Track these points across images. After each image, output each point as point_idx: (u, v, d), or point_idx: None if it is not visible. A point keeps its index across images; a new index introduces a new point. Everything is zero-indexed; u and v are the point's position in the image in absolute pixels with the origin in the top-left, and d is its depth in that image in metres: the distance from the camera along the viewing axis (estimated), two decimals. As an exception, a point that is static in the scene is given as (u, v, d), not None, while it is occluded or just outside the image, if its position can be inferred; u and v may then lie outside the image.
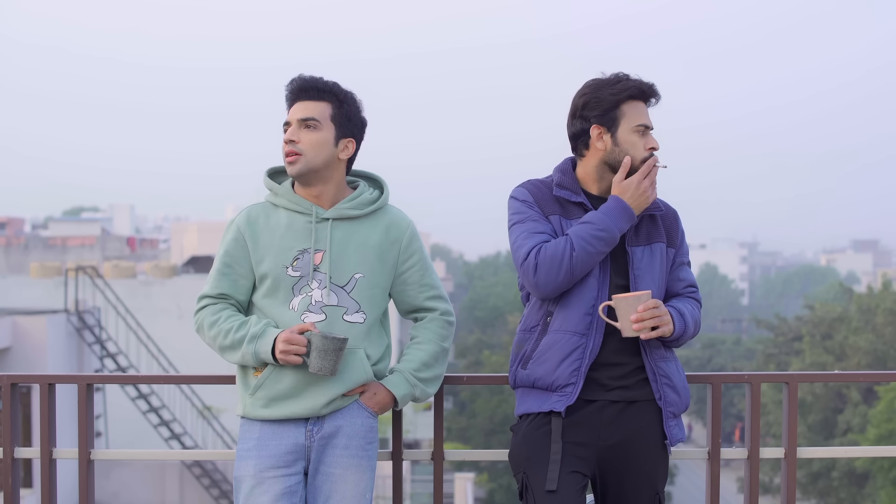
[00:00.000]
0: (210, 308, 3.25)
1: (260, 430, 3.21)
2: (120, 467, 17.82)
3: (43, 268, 24.89)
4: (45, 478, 3.76)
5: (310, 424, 3.21)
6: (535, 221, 3.20)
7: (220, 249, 3.30)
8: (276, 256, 3.21)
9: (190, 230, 41.83)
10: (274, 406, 3.19)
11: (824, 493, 29.19)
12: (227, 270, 3.25)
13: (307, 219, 3.24)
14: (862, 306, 32.70)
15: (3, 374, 3.76)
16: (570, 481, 3.12)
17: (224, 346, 3.20)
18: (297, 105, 3.23)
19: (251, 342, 3.14)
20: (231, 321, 3.20)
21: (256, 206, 3.31)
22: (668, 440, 3.22)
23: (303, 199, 3.25)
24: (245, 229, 3.25)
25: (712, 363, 49.76)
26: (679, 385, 3.25)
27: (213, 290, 3.25)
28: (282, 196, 3.27)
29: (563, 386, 3.15)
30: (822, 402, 30.30)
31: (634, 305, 3.09)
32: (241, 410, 3.27)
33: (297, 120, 3.22)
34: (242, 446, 3.24)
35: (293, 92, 3.25)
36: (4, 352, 16.08)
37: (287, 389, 3.18)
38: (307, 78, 3.25)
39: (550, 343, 3.18)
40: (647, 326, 3.10)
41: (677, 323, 3.18)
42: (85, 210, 75.48)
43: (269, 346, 3.12)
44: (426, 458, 3.80)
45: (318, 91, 3.24)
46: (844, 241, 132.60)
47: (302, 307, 3.20)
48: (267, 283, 3.22)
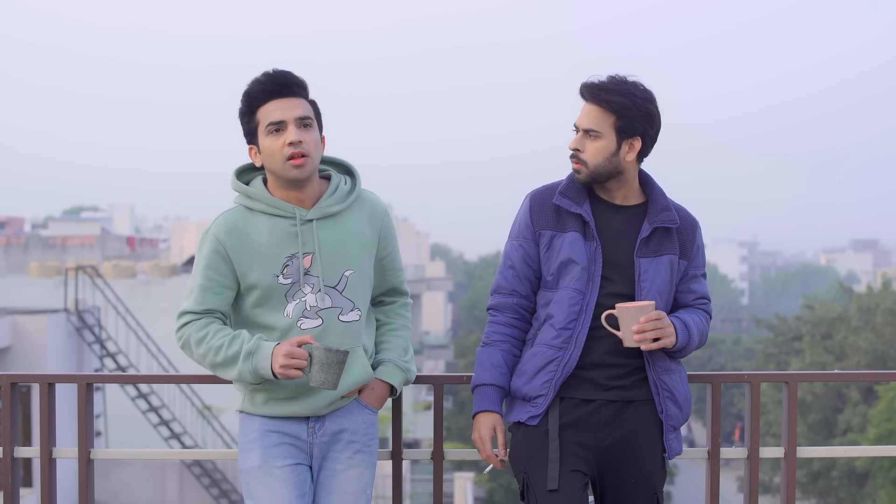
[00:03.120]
0: (195, 324, 3.10)
1: (261, 423, 3.18)
2: (120, 467, 17.81)
3: (43, 267, 24.87)
4: (44, 477, 3.75)
5: (311, 422, 3.19)
6: (514, 250, 3.28)
7: (198, 263, 3.12)
8: (263, 266, 3.09)
9: (190, 230, 41.87)
10: (272, 404, 3.17)
11: (824, 492, 29.20)
12: (210, 285, 3.10)
13: (290, 222, 3.10)
14: (862, 306, 32.72)
15: (3, 374, 3.75)
16: (571, 480, 3.12)
17: (216, 364, 3.09)
18: (283, 102, 3.03)
19: (247, 359, 3.03)
20: (220, 337, 3.07)
21: (231, 214, 3.13)
22: (667, 454, 3.25)
23: (283, 203, 3.10)
24: (225, 240, 3.09)
25: (712, 363, 49.78)
26: (681, 398, 3.25)
27: (197, 307, 3.10)
28: (258, 200, 3.11)
29: (534, 397, 3.19)
30: (822, 401, 30.30)
31: (637, 316, 3.08)
32: (241, 405, 3.23)
33: (295, 118, 3.04)
34: (244, 439, 3.20)
35: (274, 88, 3.04)
36: (4, 351, 16.08)
37: (287, 393, 3.16)
38: (286, 73, 3.07)
39: (530, 356, 3.23)
40: (648, 338, 3.09)
41: (680, 335, 3.18)
42: (85, 209, 75.45)
43: (268, 362, 3.02)
44: (426, 457, 3.79)
45: (299, 87, 3.08)
46: (844, 241, 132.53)
47: (297, 313, 3.12)
48: (256, 293, 3.11)
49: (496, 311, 3.32)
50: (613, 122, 3.14)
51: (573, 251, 3.19)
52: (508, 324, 3.29)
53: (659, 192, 3.28)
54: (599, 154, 3.16)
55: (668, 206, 3.25)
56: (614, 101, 3.12)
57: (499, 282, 3.31)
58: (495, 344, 3.28)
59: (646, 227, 3.21)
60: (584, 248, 3.19)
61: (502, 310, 3.30)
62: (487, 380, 3.24)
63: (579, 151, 3.19)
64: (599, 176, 3.18)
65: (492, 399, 3.23)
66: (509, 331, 3.29)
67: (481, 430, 3.21)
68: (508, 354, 3.27)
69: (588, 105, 3.17)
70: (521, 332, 3.30)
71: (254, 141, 3.11)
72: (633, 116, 3.13)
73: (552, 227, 3.23)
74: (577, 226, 3.21)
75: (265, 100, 3.06)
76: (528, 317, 3.30)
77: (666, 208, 3.24)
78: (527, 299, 3.29)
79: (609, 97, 3.12)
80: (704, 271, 3.38)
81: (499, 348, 3.27)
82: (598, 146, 3.16)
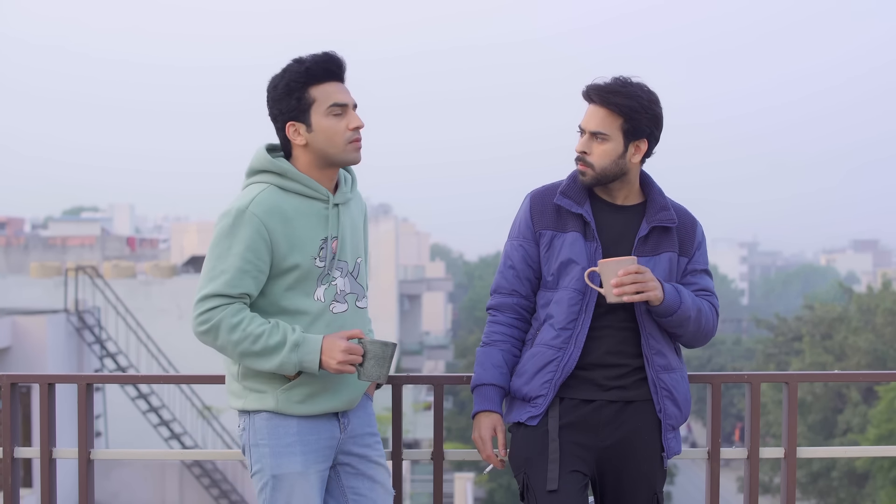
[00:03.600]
0: (228, 308, 2.97)
1: (298, 424, 3.08)
2: (120, 467, 17.81)
3: (43, 268, 24.86)
4: (44, 478, 3.75)
5: (341, 417, 3.18)
6: (514, 249, 3.28)
7: (233, 244, 2.98)
8: (303, 248, 3.03)
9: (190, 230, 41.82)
10: (310, 402, 3.09)
11: (824, 493, 29.20)
12: (248, 268, 2.97)
13: (323, 205, 3.08)
14: (862, 306, 32.74)
15: (3, 374, 3.75)
16: (571, 481, 3.12)
17: (251, 352, 2.97)
18: (341, 86, 3.05)
19: (294, 350, 2.96)
20: (258, 325, 2.97)
21: (268, 194, 3.02)
22: (665, 453, 3.24)
23: (318, 185, 3.07)
24: (267, 222, 2.98)
25: (712, 363, 49.83)
26: (681, 398, 3.24)
27: (231, 290, 2.96)
28: (294, 180, 3.05)
29: (534, 398, 3.19)
30: (822, 402, 30.30)
31: (616, 270, 3.08)
32: (271, 404, 3.08)
33: (354, 104, 3.06)
34: (279, 441, 3.07)
35: (337, 70, 3.05)
36: (4, 352, 16.08)
37: (323, 385, 3.10)
38: (340, 56, 3.06)
39: (530, 356, 3.23)
40: (628, 291, 3.06)
41: (668, 294, 3.13)
42: (85, 210, 75.40)
43: (316, 355, 2.97)
44: (426, 458, 3.80)
45: (344, 72, 3.10)
46: (844, 241, 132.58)
47: (328, 297, 3.09)
48: (293, 276, 3.04)
49: (496, 311, 3.31)
50: (621, 125, 3.14)
51: (573, 251, 3.19)
52: (508, 324, 3.29)
53: (657, 192, 3.28)
54: (607, 157, 3.16)
55: (666, 206, 3.25)
56: (622, 103, 3.11)
57: (499, 282, 3.31)
58: (495, 344, 3.27)
59: (644, 227, 3.21)
60: (585, 248, 3.19)
61: (502, 310, 3.30)
62: (487, 380, 3.23)
63: (586, 154, 3.18)
64: (605, 178, 3.18)
65: (492, 399, 3.23)
66: (509, 331, 3.28)
67: (481, 431, 3.21)
68: (508, 354, 3.27)
69: (594, 107, 3.16)
70: (521, 333, 3.29)
71: (300, 118, 3.05)
72: (641, 119, 3.13)
73: (553, 227, 3.24)
74: (577, 226, 3.21)
75: (324, 79, 3.03)
76: (527, 317, 3.30)
77: (664, 207, 3.24)
78: (527, 299, 3.29)
79: (617, 100, 3.11)
80: (707, 268, 3.35)
81: (499, 348, 3.27)
82: (606, 149, 3.15)
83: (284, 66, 3.05)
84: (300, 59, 3.04)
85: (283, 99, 3.03)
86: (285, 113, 3.05)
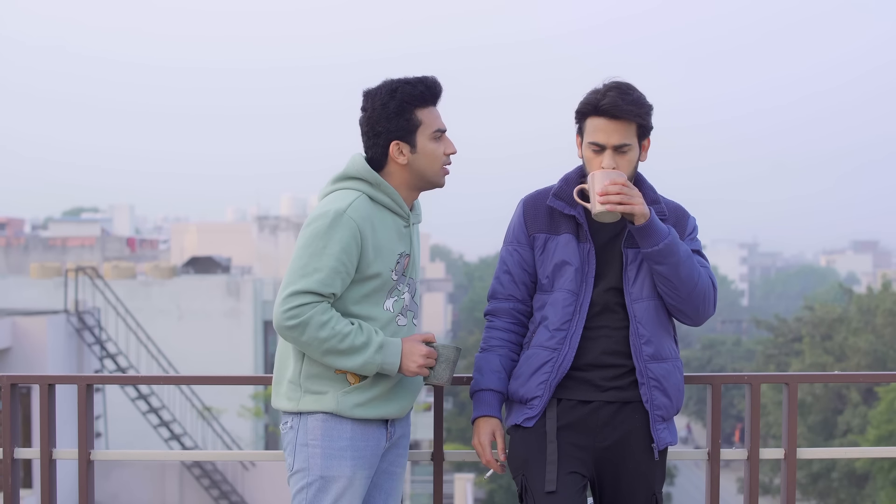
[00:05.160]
0: (319, 306, 3.02)
1: (351, 429, 3.13)
2: (120, 468, 17.81)
3: (43, 268, 24.86)
4: (44, 478, 3.75)
5: (390, 426, 3.23)
6: (509, 254, 3.30)
7: (331, 245, 3.04)
8: (385, 259, 3.13)
9: (190, 231, 41.86)
10: (367, 406, 3.14)
11: (824, 493, 29.20)
12: (341, 269, 3.04)
13: (403, 222, 3.19)
14: (862, 307, 32.75)
15: (3, 375, 3.76)
16: (570, 482, 3.13)
17: (336, 350, 3.03)
18: (438, 111, 3.18)
19: (379, 351, 3.06)
20: (344, 325, 3.04)
21: (362, 202, 3.11)
22: (655, 443, 3.19)
23: (403, 202, 3.18)
24: (363, 228, 3.08)
25: (712, 364, 49.79)
26: (672, 389, 3.22)
27: (323, 288, 3.02)
28: (386, 195, 3.15)
29: (530, 399, 3.20)
30: (822, 402, 30.30)
31: (603, 181, 3.07)
32: (330, 406, 3.12)
33: (446, 130, 3.20)
34: (332, 444, 3.12)
35: (439, 96, 3.19)
36: (4, 352, 16.07)
37: (382, 391, 3.16)
38: (440, 82, 3.19)
39: (526, 358, 3.24)
40: (612, 201, 3.05)
41: (657, 221, 3.10)
42: (85, 210, 75.32)
43: (397, 358, 3.08)
44: (426, 458, 3.80)
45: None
46: (844, 242, 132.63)
47: (396, 309, 3.19)
48: (372, 284, 3.12)
49: (493, 317, 3.33)
50: (635, 130, 3.15)
51: (567, 252, 3.20)
52: (506, 328, 3.30)
53: (648, 188, 3.29)
54: (631, 165, 3.18)
55: (657, 200, 3.26)
56: (632, 110, 3.11)
57: (495, 287, 3.32)
58: (493, 349, 3.28)
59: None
60: (578, 249, 3.21)
61: (499, 315, 3.31)
62: (486, 385, 3.24)
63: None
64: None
65: (490, 404, 3.23)
66: (507, 335, 3.29)
67: (480, 436, 3.22)
68: (506, 359, 3.27)
69: (607, 121, 3.12)
70: (519, 337, 3.30)
71: (406, 138, 3.14)
72: (645, 117, 3.16)
73: (546, 230, 3.25)
74: (570, 227, 3.23)
75: (431, 103, 3.16)
76: (525, 321, 3.31)
77: (655, 202, 3.25)
78: (523, 303, 3.30)
79: (629, 108, 3.11)
80: (701, 251, 3.30)
81: (496, 353, 3.27)
82: (630, 158, 3.17)
83: (391, 86, 3.13)
84: (407, 80, 3.13)
85: (394, 118, 3.12)
86: (393, 132, 3.13)
